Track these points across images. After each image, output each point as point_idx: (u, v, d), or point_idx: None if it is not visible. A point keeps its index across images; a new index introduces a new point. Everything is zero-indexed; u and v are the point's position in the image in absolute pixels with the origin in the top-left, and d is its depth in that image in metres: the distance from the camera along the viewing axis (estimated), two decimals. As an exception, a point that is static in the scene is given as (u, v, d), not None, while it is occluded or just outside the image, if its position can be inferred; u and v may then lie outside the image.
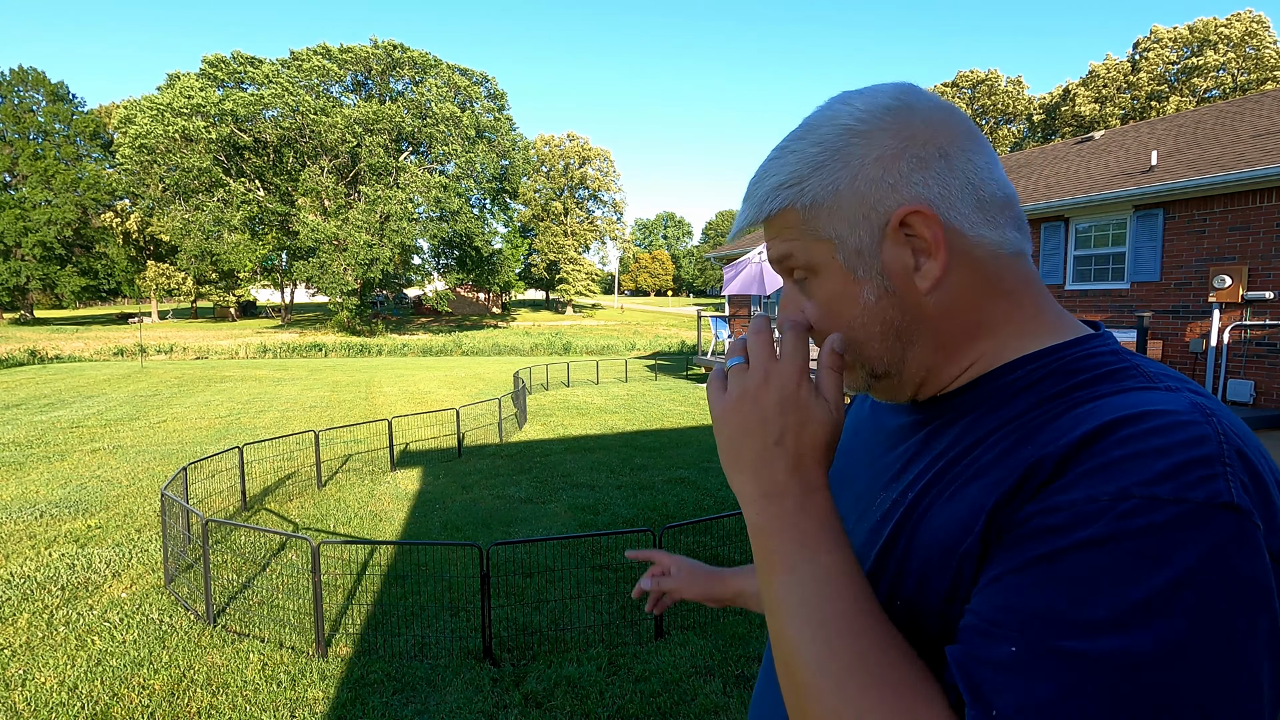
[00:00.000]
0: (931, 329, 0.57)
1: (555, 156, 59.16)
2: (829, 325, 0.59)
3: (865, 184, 0.55)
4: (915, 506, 0.55)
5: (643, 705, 2.82)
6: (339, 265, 33.48)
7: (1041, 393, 0.53)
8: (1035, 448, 0.47)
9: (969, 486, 0.51)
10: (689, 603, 3.67)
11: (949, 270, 0.55)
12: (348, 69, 36.31)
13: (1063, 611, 0.41)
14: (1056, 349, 0.55)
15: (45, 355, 21.94)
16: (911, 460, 0.60)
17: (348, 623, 3.55)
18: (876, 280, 0.56)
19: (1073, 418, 0.48)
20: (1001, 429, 0.52)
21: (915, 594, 0.52)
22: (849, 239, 0.56)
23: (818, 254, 0.58)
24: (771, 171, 0.59)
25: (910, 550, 0.53)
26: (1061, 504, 0.43)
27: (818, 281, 0.59)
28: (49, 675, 3.08)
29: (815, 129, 0.58)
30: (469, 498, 5.83)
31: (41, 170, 43.81)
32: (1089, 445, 0.44)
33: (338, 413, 10.70)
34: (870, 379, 0.60)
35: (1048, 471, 0.45)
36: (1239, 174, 7.68)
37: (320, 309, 54.53)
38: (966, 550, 0.48)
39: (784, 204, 0.58)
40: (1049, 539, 0.43)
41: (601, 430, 8.86)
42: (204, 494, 5.85)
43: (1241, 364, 7.97)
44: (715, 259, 20.77)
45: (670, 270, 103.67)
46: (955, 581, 0.49)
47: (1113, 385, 0.50)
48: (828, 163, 0.56)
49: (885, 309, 0.57)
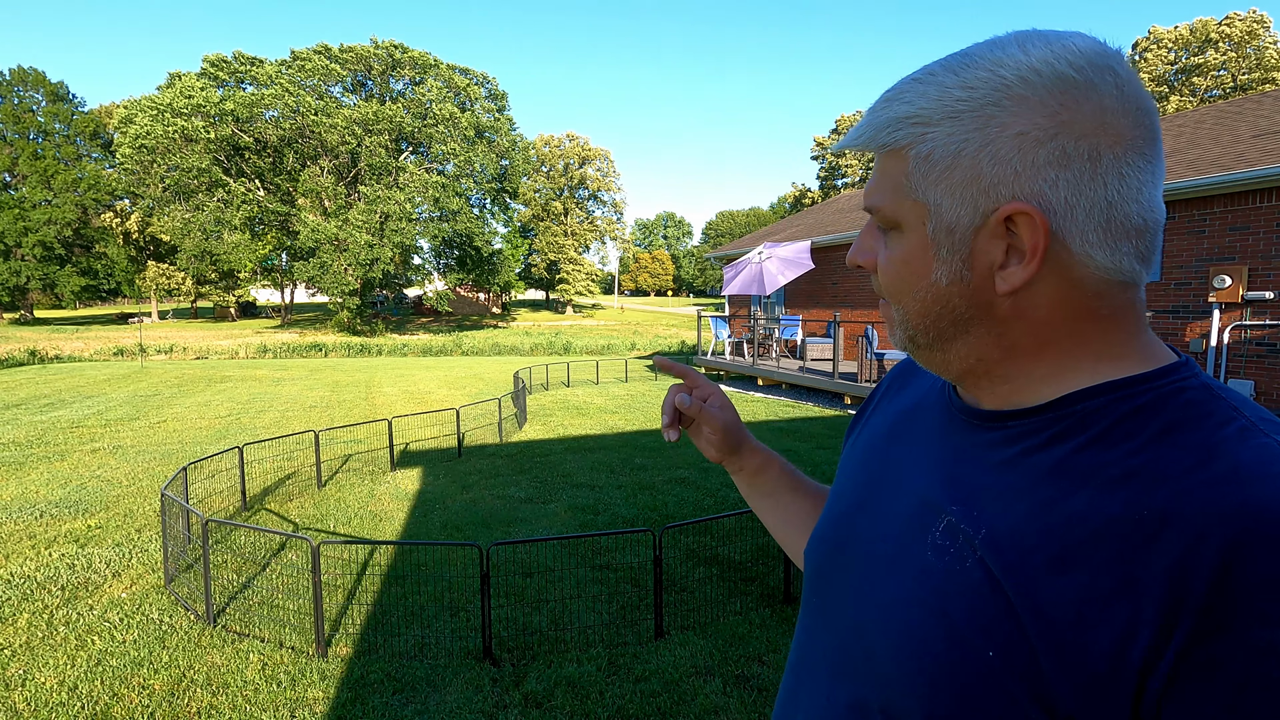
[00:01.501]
0: (997, 327, 0.52)
1: (555, 156, 59.17)
2: (889, 283, 0.56)
3: (990, 160, 0.49)
4: (1002, 550, 0.50)
5: (643, 705, 2.82)
6: (339, 265, 33.49)
7: (1147, 432, 0.47)
8: (1168, 538, 0.42)
9: (1088, 563, 0.45)
10: (688, 602, 3.67)
11: (1037, 281, 0.50)
12: (348, 69, 36.31)
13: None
14: (1143, 378, 0.50)
15: (45, 355, 21.94)
16: (986, 485, 0.54)
17: (348, 623, 3.55)
18: (956, 266, 0.52)
19: (1205, 485, 0.43)
20: (1098, 480, 0.47)
21: (1023, 667, 0.46)
22: (947, 212, 0.51)
23: (907, 215, 0.53)
24: (905, 97, 0.52)
25: (1006, 609, 0.48)
26: (1271, 644, 0.38)
27: (896, 238, 0.55)
28: (49, 675, 3.08)
29: (971, 68, 0.50)
30: (469, 498, 5.83)
31: (41, 170, 43.82)
32: (1259, 541, 0.40)
33: (338, 413, 10.70)
34: (909, 343, 0.57)
35: (1209, 580, 0.40)
36: (1239, 174, 7.68)
37: (320, 309, 54.53)
38: (1108, 667, 0.43)
39: (900, 142, 0.52)
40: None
41: (601, 430, 8.86)
42: (204, 494, 5.85)
43: (1241, 364, 7.98)
44: (715, 259, 20.78)
45: (670, 270, 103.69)
46: (1097, 693, 0.43)
47: (1225, 438, 0.45)
48: (965, 116, 0.49)
49: (952, 295, 0.52)
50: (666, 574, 3.99)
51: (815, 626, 0.65)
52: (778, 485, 0.91)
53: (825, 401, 10.99)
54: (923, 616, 0.53)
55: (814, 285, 14.88)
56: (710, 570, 4.15)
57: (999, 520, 0.51)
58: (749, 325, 14.25)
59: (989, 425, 0.55)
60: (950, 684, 0.49)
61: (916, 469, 0.61)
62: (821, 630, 0.64)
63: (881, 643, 0.56)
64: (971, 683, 0.48)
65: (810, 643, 0.65)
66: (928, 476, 0.59)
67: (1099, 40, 0.50)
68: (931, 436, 0.62)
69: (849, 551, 0.63)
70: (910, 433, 0.65)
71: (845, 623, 0.61)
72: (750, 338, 14.11)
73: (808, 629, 0.66)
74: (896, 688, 0.53)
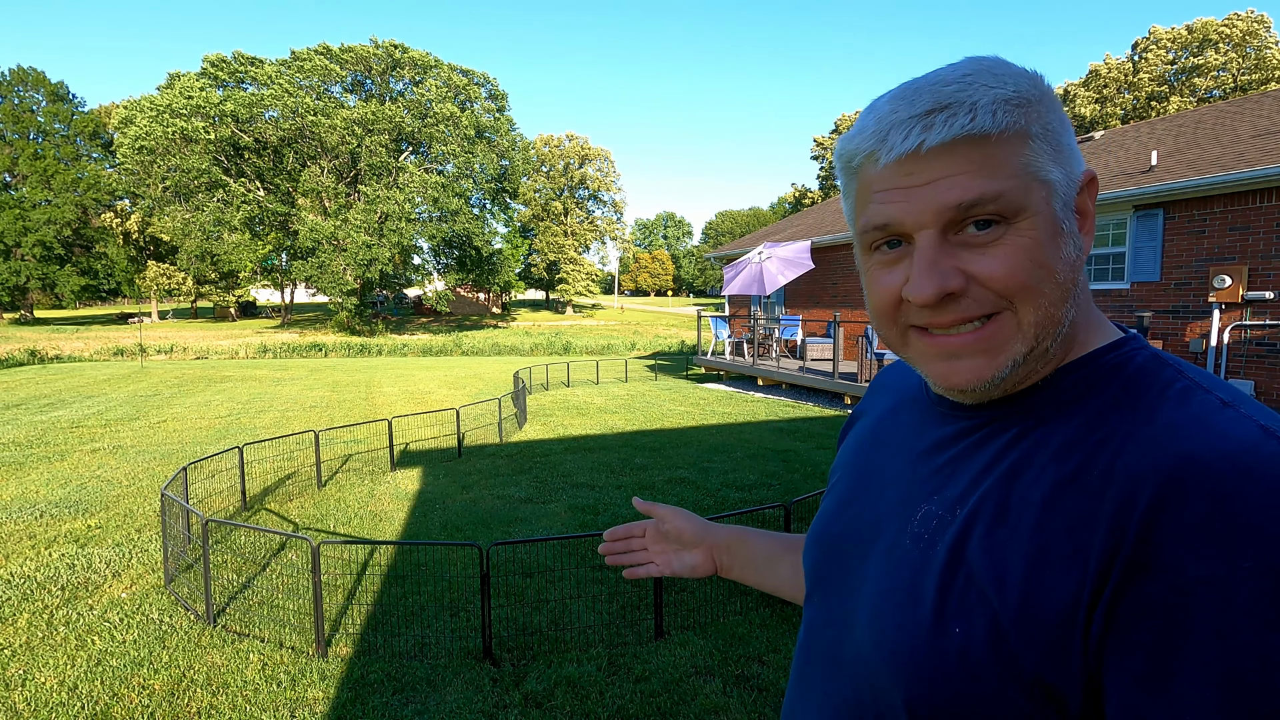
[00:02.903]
0: (1073, 302, 0.53)
1: (555, 156, 59.14)
2: (1021, 282, 0.50)
3: (1068, 134, 0.52)
4: (970, 529, 0.52)
5: (643, 705, 2.81)
6: (338, 265, 33.48)
7: (1098, 402, 0.50)
8: (1110, 492, 0.45)
9: (1043, 528, 0.48)
10: (688, 602, 3.67)
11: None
12: (348, 69, 36.30)
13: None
14: (1102, 351, 0.54)
15: (45, 355, 21.93)
16: (957, 470, 0.56)
17: (348, 623, 3.55)
18: (1075, 236, 0.52)
19: (1143, 443, 0.46)
20: (1054, 450, 0.50)
21: (985, 635, 0.48)
22: (1062, 186, 0.51)
23: (1035, 196, 0.50)
24: (985, 82, 0.50)
25: (972, 582, 0.50)
26: (1197, 578, 0.40)
27: (1018, 228, 0.50)
28: (49, 675, 3.08)
29: (1002, 71, 0.51)
30: (469, 498, 5.83)
31: (41, 170, 43.81)
32: (1187, 489, 0.42)
33: (338, 413, 10.69)
34: (1024, 356, 0.52)
35: (1139, 528, 0.43)
36: (1239, 174, 7.68)
37: (320, 309, 54.52)
38: (1061, 619, 0.45)
39: (1016, 124, 0.50)
40: (1214, 640, 0.39)
41: (601, 430, 8.86)
42: (204, 494, 5.85)
43: (1241, 364, 7.98)
44: (715, 259, 20.77)
45: (670, 270, 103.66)
46: (1057, 648, 0.45)
47: (1169, 398, 0.48)
48: (1040, 99, 0.51)
49: (1079, 268, 0.53)
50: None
51: (815, 625, 0.67)
52: (771, 545, 0.93)
53: (825, 401, 10.99)
54: (900, 603, 0.54)
55: (814, 285, 14.88)
56: (710, 570, 4.15)
57: (969, 499, 0.53)
58: (749, 325, 14.25)
59: (964, 415, 0.58)
60: (924, 666, 0.51)
61: (898, 464, 0.63)
62: (820, 628, 0.66)
63: (867, 635, 0.57)
64: (943, 662, 0.50)
65: (811, 642, 0.67)
66: (909, 470, 0.61)
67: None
68: (912, 432, 0.64)
69: (841, 549, 0.65)
70: (893, 431, 0.67)
71: (840, 619, 0.62)
72: (750, 338, 14.11)
73: (809, 628, 0.68)
74: (881, 677, 0.55)
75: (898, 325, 0.55)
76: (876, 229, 0.53)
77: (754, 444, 7.82)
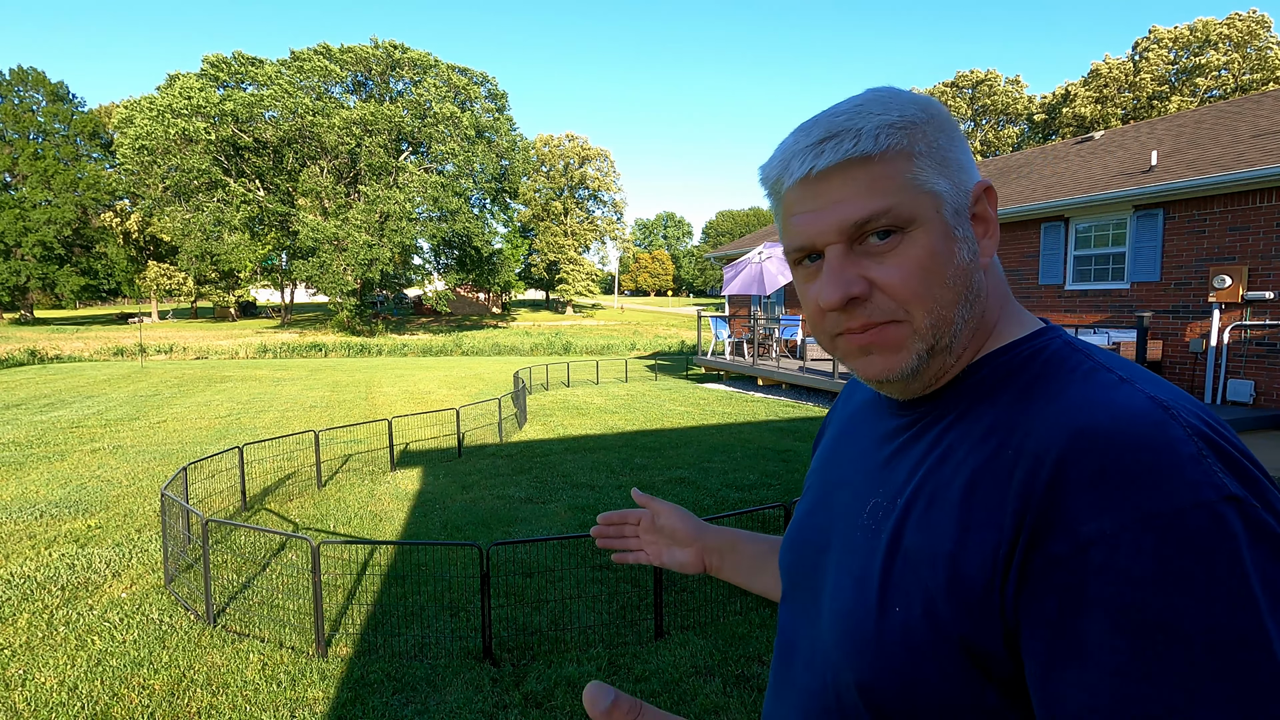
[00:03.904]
0: (980, 304, 0.59)
1: (555, 156, 59.15)
2: (913, 288, 0.55)
3: (958, 149, 0.58)
4: (908, 514, 0.57)
5: (643, 705, 2.81)
6: (339, 265, 33.48)
7: (1013, 389, 0.55)
8: (1020, 464, 0.50)
9: (967, 504, 0.52)
10: (688, 602, 3.67)
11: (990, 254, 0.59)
12: (348, 69, 36.30)
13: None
14: (1018, 343, 0.58)
15: (45, 355, 21.93)
16: (898, 463, 0.61)
17: (348, 623, 3.55)
18: (969, 241, 0.58)
19: (1047, 419, 0.51)
20: (977, 434, 0.55)
21: (921, 610, 0.53)
22: (950, 196, 0.57)
23: (924, 206, 0.56)
24: (872, 110, 0.56)
25: (908, 562, 0.55)
26: (1090, 536, 0.44)
27: (912, 237, 0.55)
28: (49, 675, 3.08)
29: (892, 98, 0.58)
30: (469, 498, 5.83)
31: (41, 170, 43.80)
32: (1081, 455, 0.47)
33: (338, 413, 10.70)
34: (929, 353, 0.57)
35: (1042, 492, 0.47)
36: (1239, 174, 7.68)
37: (320, 309, 54.53)
38: (982, 582, 0.49)
39: (899, 144, 0.55)
40: (1104, 602, 0.43)
41: (601, 430, 8.86)
42: (204, 494, 5.85)
43: (1241, 364, 7.98)
44: (715, 259, 20.77)
45: (670, 270, 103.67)
46: (979, 611, 0.50)
47: (1075, 380, 0.53)
48: (928, 122, 0.57)
49: (973, 271, 0.58)
50: (666, 574, 3.99)
51: (787, 625, 0.71)
52: (760, 549, 0.96)
53: (825, 401, 10.99)
54: (851, 591, 0.59)
55: (814, 285, 14.86)
56: (710, 570, 4.15)
57: (906, 488, 0.58)
58: (749, 325, 14.25)
59: (901, 412, 0.63)
60: (870, 647, 0.55)
61: (856, 463, 0.68)
62: (792, 628, 0.70)
63: (828, 625, 0.62)
64: (886, 642, 0.54)
65: (784, 642, 0.70)
66: (863, 468, 0.66)
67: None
68: (868, 432, 0.69)
69: (808, 551, 0.69)
70: (854, 433, 0.72)
71: (810, 617, 0.66)
72: (750, 338, 14.11)
73: (782, 629, 0.72)
74: (838, 663, 0.59)
75: (825, 331, 0.61)
76: (797, 250, 0.60)
77: (754, 444, 7.82)
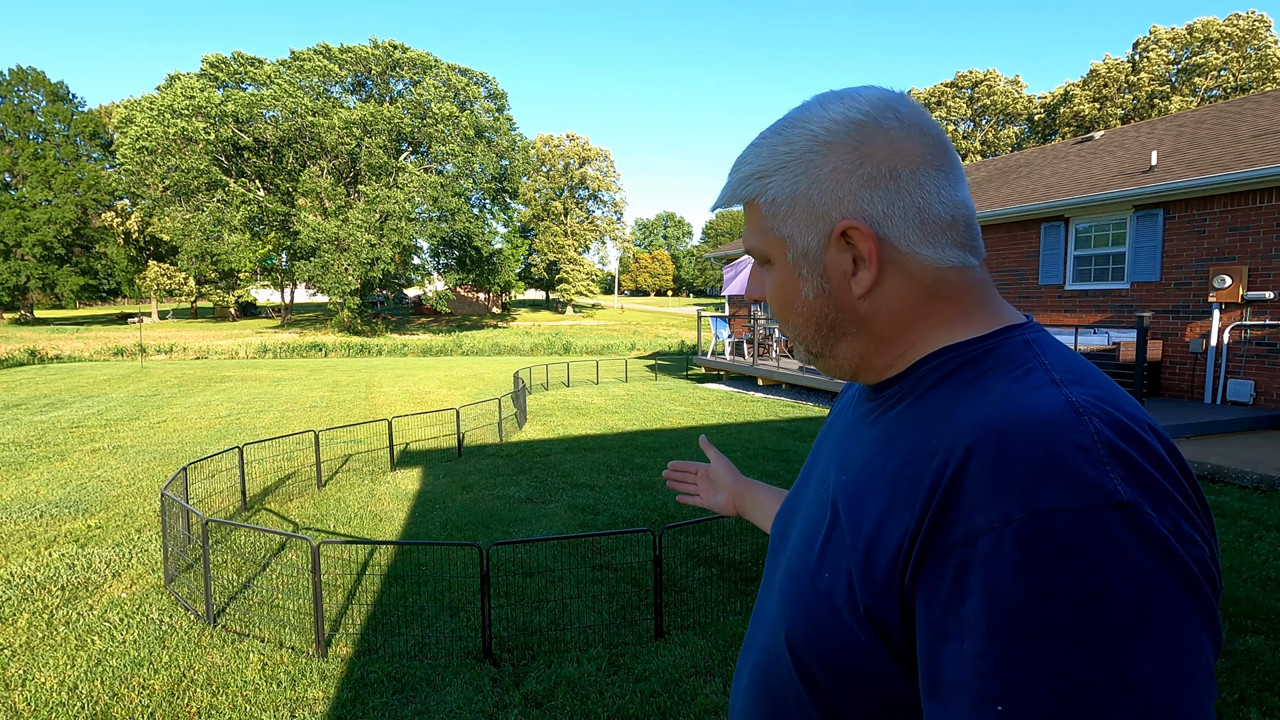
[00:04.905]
0: (865, 325, 0.64)
1: (555, 156, 59.15)
2: (774, 308, 0.69)
3: (819, 194, 0.61)
4: (848, 490, 0.62)
5: (643, 705, 2.81)
6: (340, 265, 33.47)
7: (958, 382, 0.59)
8: (938, 453, 0.53)
9: (894, 487, 0.56)
10: (688, 602, 3.67)
11: (882, 280, 0.62)
12: (348, 69, 36.28)
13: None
14: (976, 340, 0.61)
15: (45, 355, 21.94)
16: (856, 443, 0.67)
17: (348, 623, 3.55)
18: (817, 281, 0.64)
19: (968, 413, 0.54)
20: (917, 422, 0.59)
21: (843, 579, 0.58)
22: (799, 240, 0.63)
23: (773, 248, 0.66)
24: (748, 159, 0.66)
25: (840, 535, 0.60)
26: (980, 527, 0.48)
27: (771, 270, 0.68)
28: (49, 675, 3.08)
29: (790, 128, 0.64)
30: (469, 498, 5.83)
31: (41, 170, 43.81)
32: (983, 450, 0.50)
33: (338, 413, 10.69)
34: (809, 356, 0.69)
35: (947, 483, 0.51)
36: (1239, 174, 7.68)
37: (320, 309, 54.53)
38: (889, 561, 0.54)
39: (751, 195, 0.66)
40: (990, 599, 0.46)
41: (601, 430, 8.86)
42: (204, 494, 5.85)
43: (1241, 364, 7.97)
44: (715, 259, 20.77)
45: (670, 270, 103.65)
46: (883, 587, 0.54)
47: (1011, 378, 0.56)
48: (792, 165, 0.63)
49: (821, 306, 0.65)
50: (666, 574, 3.99)
51: (762, 587, 0.79)
52: (778, 501, 1.09)
53: (825, 401, 11.00)
54: (800, 555, 0.66)
55: (814, 285, 14.86)
56: (710, 570, 4.15)
57: (855, 466, 0.63)
58: (749, 325, 14.25)
59: (871, 398, 0.69)
60: (801, 605, 0.62)
61: (835, 442, 0.74)
62: (762, 593, 0.77)
63: (779, 584, 0.69)
64: (815, 602, 0.61)
65: (756, 607, 0.78)
66: (839, 446, 0.71)
67: (883, 89, 0.64)
68: (849, 415, 0.74)
69: (783, 515, 0.78)
70: (839, 420, 0.78)
71: (773, 577, 0.74)
72: (750, 338, 14.11)
73: (758, 597, 0.79)
74: (779, 616, 0.66)
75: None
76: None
77: (754, 444, 7.82)
